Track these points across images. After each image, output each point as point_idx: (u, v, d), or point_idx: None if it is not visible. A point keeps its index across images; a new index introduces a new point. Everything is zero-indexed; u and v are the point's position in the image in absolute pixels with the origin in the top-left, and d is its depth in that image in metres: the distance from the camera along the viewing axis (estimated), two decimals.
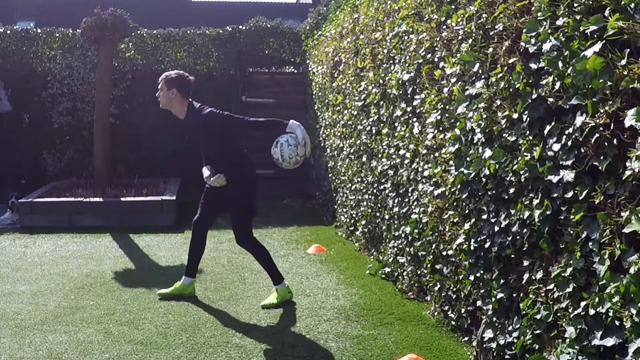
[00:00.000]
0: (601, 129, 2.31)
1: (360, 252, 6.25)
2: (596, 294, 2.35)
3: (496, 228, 3.23)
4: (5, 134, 9.94)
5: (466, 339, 3.88)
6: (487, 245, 3.35)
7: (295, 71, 10.96)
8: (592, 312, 2.36)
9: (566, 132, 2.53)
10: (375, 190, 5.71)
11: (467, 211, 3.62)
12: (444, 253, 4.03)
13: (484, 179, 3.30)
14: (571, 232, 2.55)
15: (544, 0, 2.62)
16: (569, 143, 2.51)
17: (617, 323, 2.24)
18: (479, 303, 3.58)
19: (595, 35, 2.29)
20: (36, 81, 9.94)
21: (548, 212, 2.70)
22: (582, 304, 2.44)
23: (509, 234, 3.12)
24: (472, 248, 3.54)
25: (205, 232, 4.87)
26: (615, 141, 2.25)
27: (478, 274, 3.51)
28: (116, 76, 9.77)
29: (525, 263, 2.96)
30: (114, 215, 7.77)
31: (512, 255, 3.11)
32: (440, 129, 4.00)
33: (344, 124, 6.77)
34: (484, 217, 3.37)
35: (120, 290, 5.06)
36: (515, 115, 2.96)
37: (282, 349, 3.82)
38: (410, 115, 4.64)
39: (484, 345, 3.43)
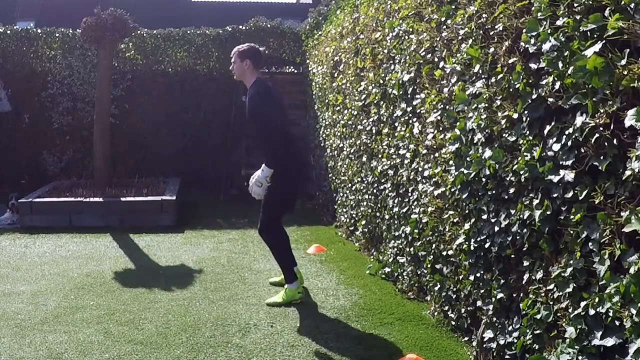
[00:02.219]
0: (601, 129, 2.31)
1: (360, 252, 6.25)
2: (596, 294, 2.35)
3: (496, 228, 3.23)
4: (5, 134, 9.96)
5: (466, 339, 3.88)
6: (487, 245, 3.35)
7: (295, 71, 10.96)
8: (592, 312, 2.36)
9: (566, 132, 2.53)
10: (375, 190, 5.71)
11: (467, 211, 3.62)
12: (444, 253, 4.03)
13: (484, 179, 3.30)
14: (571, 232, 2.55)
15: (544, 0, 2.62)
16: (569, 143, 2.51)
17: (617, 323, 2.24)
18: (479, 303, 3.58)
19: (595, 35, 2.29)
20: (36, 81, 9.96)
21: (548, 212, 2.70)
22: (582, 304, 2.44)
23: (509, 234, 3.12)
24: (472, 248, 3.53)
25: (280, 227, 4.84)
26: (615, 141, 2.25)
27: (478, 274, 3.51)
28: (116, 76, 9.78)
29: (525, 263, 2.96)
30: (114, 215, 7.76)
31: (512, 255, 3.11)
32: (440, 129, 4.00)
33: (344, 124, 6.77)
34: (484, 217, 3.37)
35: (120, 290, 5.06)
36: (515, 115, 2.96)
37: (282, 349, 3.82)
38: (410, 115, 4.64)
39: (484, 345, 3.43)
